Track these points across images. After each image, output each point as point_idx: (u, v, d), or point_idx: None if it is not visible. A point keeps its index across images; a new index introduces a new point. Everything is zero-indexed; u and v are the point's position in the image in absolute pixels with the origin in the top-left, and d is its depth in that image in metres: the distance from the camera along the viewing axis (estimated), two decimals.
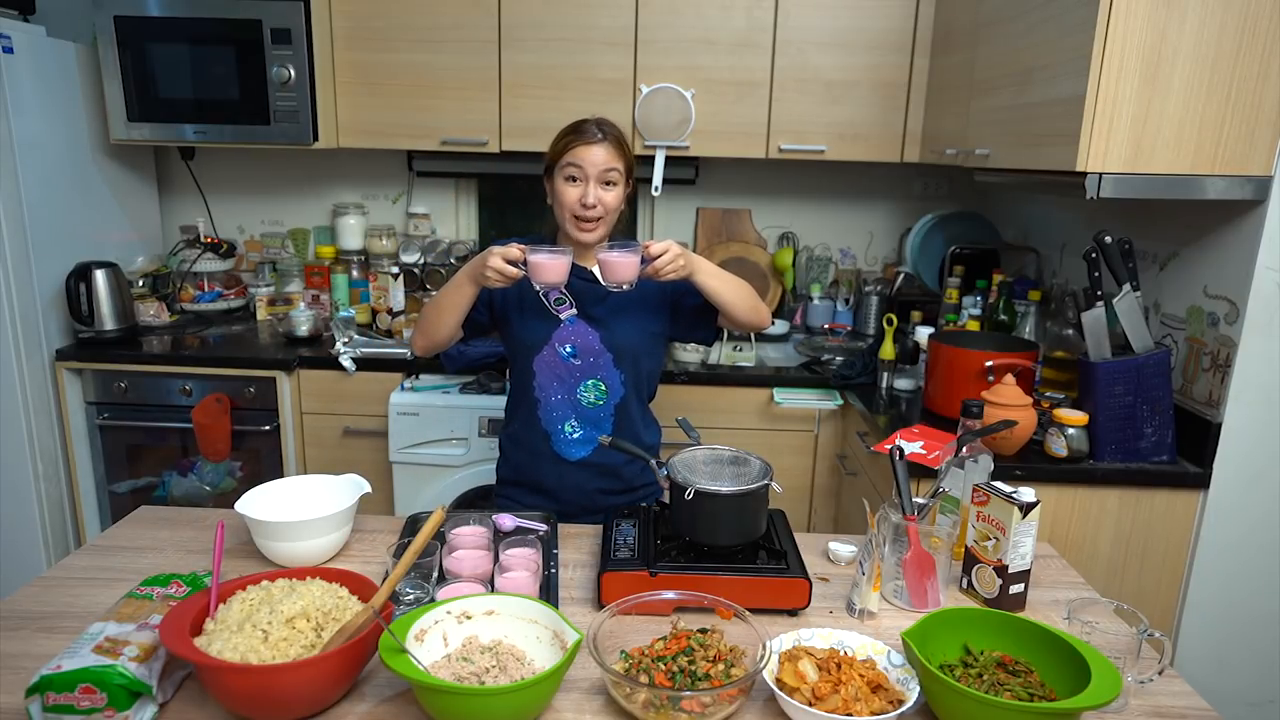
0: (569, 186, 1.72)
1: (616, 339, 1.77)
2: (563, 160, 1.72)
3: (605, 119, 1.77)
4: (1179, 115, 1.76)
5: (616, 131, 1.75)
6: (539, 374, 1.78)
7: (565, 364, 1.77)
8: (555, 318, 1.77)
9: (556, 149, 1.74)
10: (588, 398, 1.79)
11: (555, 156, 1.74)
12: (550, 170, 1.76)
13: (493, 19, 2.78)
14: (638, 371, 1.82)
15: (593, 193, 1.70)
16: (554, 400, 1.79)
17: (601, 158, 1.70)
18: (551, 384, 1.78)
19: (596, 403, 1.79)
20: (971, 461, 1.53)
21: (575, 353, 1.76)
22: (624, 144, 1.75)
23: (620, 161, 1.73)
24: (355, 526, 1.59)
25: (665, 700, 1.09)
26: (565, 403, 1.79)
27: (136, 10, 2.70)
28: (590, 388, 1.78)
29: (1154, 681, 1.22)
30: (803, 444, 2.77)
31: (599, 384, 1.78)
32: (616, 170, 1.72)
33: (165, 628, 1.09)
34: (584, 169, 1.70)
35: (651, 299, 1.81)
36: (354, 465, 2.68)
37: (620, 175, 1.73)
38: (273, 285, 3.27)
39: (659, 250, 1.60)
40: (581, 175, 1.71)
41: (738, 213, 3.33)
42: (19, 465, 2.68)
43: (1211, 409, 1.95)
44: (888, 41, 2.78)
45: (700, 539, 1.42)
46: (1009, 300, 2.58)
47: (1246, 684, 2.05)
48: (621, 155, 1.73)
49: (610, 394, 1.80)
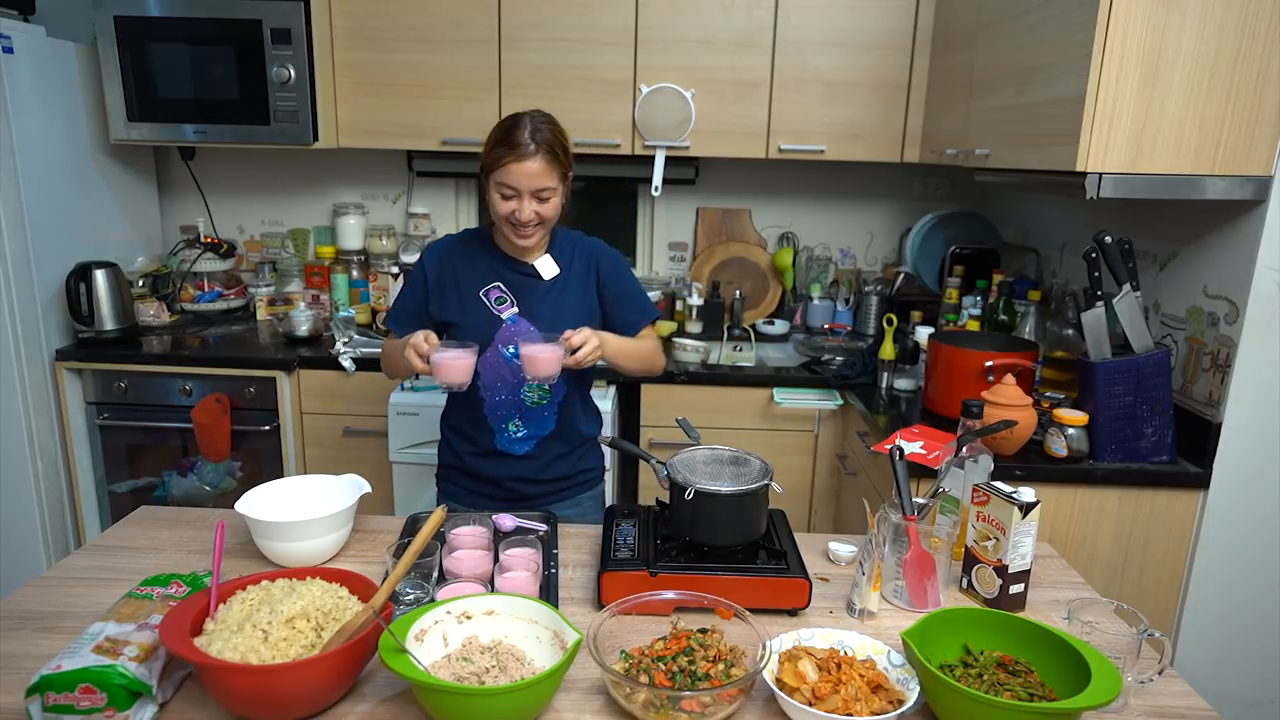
0: (502, 201, 1.66)
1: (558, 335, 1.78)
2: (495, 174, 1.64)
3: (541, 119, 1.66)
4: (1179, 115, 1.76)
5: (551, 135, 1.64)
6: (483, 374, 1.77)
7: (509, 364, 1.76)
8: (497, 317, 1.76)
9: (487, 159, 1.65)
10: (531, 398, 1.79)
11: (487, 164, 1.66)
12: (484, 171, 1.68)
13: (493, 19, 2.78)
14: (578, 372, 1.81)
15: (527, 209, 1.64)
16: (498, 400, 1.79)
17: (534, 172, 1.62)
18: (495, 384, 1.78)
19: (540, 402, 1.80)
20: (971, 461, 1.53)
21: (518, 354, 1.75)
22: (557, 149, 1.65)
23: (554, 173, 1.65)
24: (355, 526, 1.59)
25: (665, 700, 1.09)
26: (509, 403, 1.79)
27: (136, 10, 2.70)
28: (534, 388, 1.78)
29: (1154, 681, 1.22)
30: (803, 444, 2.77)
31: (542, 385, 1.78)
32: (549, 186, 1.65)
33: (165, 628, 1.09)
34: (516, 187, 1.63)
35: (589, 296, 1.81)
36: (354, 465, 2.67)
37: (556, 186, 1.66)
38: (273, 285, 3.27)
39: (579, 342, 1.59)
40: (515, 192, 1.64)
41: (738, 213, 3.33)
42: (19, 465, 2.68)
43: (1211, 409, 1.95)
44: (888, 41, 2.78)
45: (700, 539, 1.42)
46: (1009, 300, 2.58)
47: (1246, 684, 2.05)
48: (556, 164, 1.65)
49: (554, 393, 1.80)
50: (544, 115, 1.68)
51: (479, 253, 1.80)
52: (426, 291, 1.79)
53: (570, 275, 1.80)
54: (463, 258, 1.80)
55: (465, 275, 1.78)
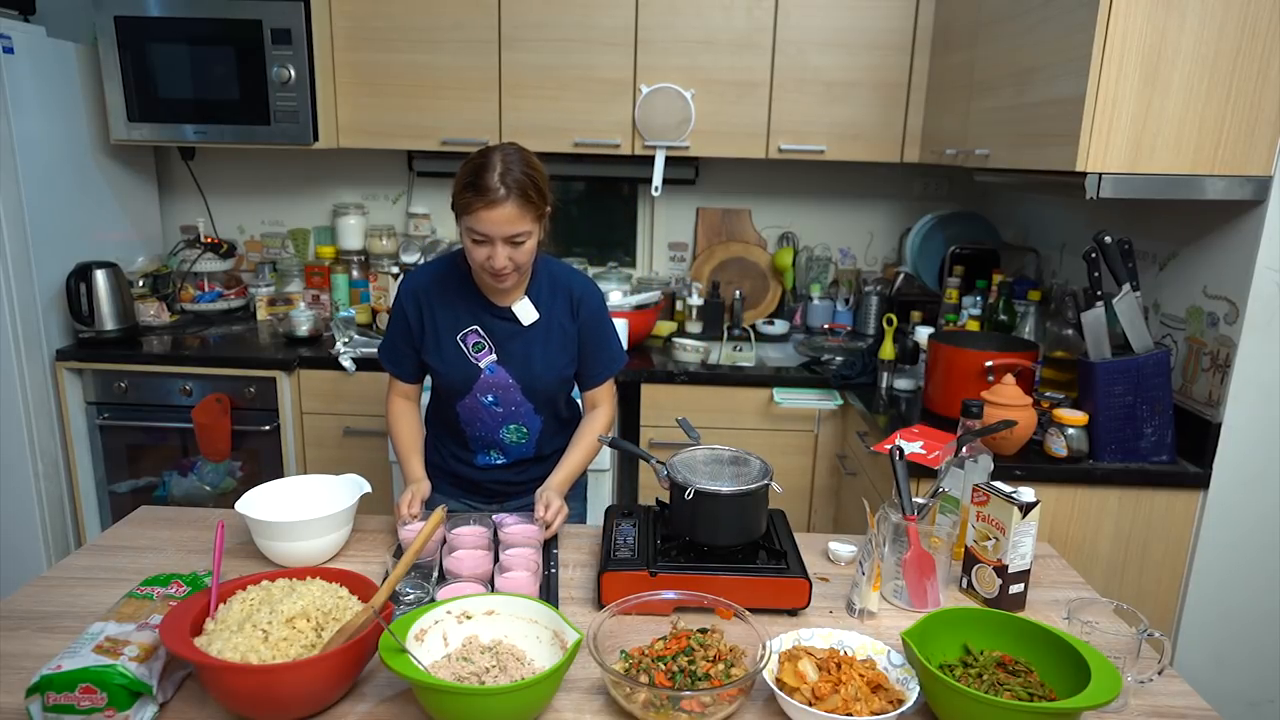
0: (475, 247, 1.58)
1: (536, 388, 1.76)
2: (464, 220, 1.56)
3: (511, 157, 1.54)
4: (1179, 115, 1.76)
5: (522, 175, 1.53)
6: (462, 414, 1.79)
7: (487, 410, 1.77)
8: (475, 366, 1.73)
9: (457, 202, 1.56)
10: (510, 438, 1.82)
11: (456, 208, 1.57)
12: (455, 213, 1.59)
13: (493, 19, 2.78)
14: (555, 409, 1.83)
15: (501, 256, 1.56)
16: (478, 435, 1.82)
17: (505, 219, 1.53)
18: (475, 423, 1.80)
19: (519, 440, 1.82)
20: (971, 461, 1.53)
21: (496, 401, 1.76)
22: (529, 191, 1.54)
23: (527, 216, 1.55)
24: (355, 526, 1.59)
25: (665, 700, 1.09)
26: (488, 440, 1.82)
27: (136, 10, 2.70)
28: (512, 430, 1.81)
29: (1154, 681, 1.22)
30: (803, 444, 2.77)
31: (520, 428, 1.81)
32: (523, 231, 1.56)
33: (165, 628, 1.09)
34: (487, 235, 1.55)
35: (568, 341, 1.77)
36: (354, 465, 2.67)
37: (530, 229, 1.57)
38: (273, 285, 3.27)
39: (551, 516, 1.59)
40: (485, 239, 1.56)
41: (738, 213, 3.33)
42: (19, 465, 2.68)
43: (1211, 409, 1.95)
44: (888, 41, 2.78)
45: (700, 539, 1.42)
46: (1009, 300, 2.58)
47: (1246, 683, 2.05)
48: (529, 206, 1.55)
49: (531, 432, 1.82)
50: (515, 151, 1.57)
51: (456, 291, 1.73)
52: (409, 328, 1.76)
53: (551, 320, 1.75)
54: (439, 297, 1.74)
55: (443, 319, 1.73)
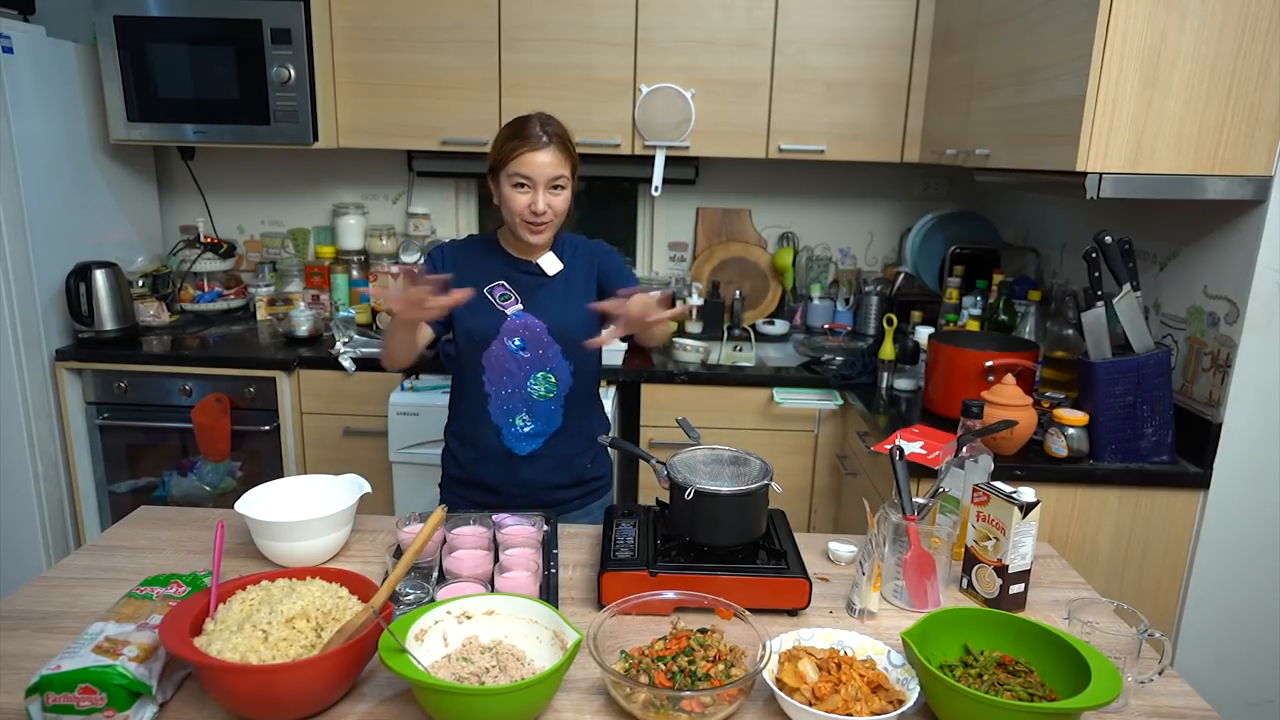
0: (517, 193, 1.70)
1: (563, 325, 1.79)
2: (508, 167, 1.69)
3: (548, 117, 1.72)
4: (1179, 115, 1.76)
5: (560, 130, 1.71)
6: (488, 369, 1.79)
7: (514, 357, 1.78)
8: (501, 313, 1.78)
9: (500, 153, 1.70)
10: (538, 390, 1.80)
11: (499, 160, 1.71)
12: (495, 171, 1.73)
13: (493, 19, 2.78)
14: (585, 360, 1.83)
15: (542, 200, 1.69)
16: (504, 394, 1.80)
17: (548, 163, 1.68)
18: (501, 378, 1.79)
19: (547, 395, 1.81)
20: (971, 461, 1.53)
21: (524, 345, 1.78)
22: (568, 143, 1.72)
23: (566, 164, 1.71)
24: (355, 526, 1.59)
25: (665, 700, 1.09)
26: (516, 396, 1.80)
27: (136, 10, 2.70)
28: (540, 380, 1.80)
29: (1154, 681, 1.22)
30: (803, 444, 2.77)
31: (549, 376, 1.80)
32: (563, 175, 1.70)
33: (165, 628, 1.09)
34: (531, 177, 1.68)
35: (590, 292, 1.83)
36: (354, 465, 2.67)
37: (568, 178, 1.72)
38: (273, 285, 3.27)
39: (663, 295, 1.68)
40: (529, 183, 1.69)
41: (738, 213, 3.33)
42: (19, 465, 2.68)
43: (1211, 409, 1.95)
44: (888, 41, 2.78)
45: (700, 539, 1.42)
46: (1009, 300, 2.58)
47: (1246, 683, 2.05)
48: (567, 157, 1.71)
49: (560, 385, 1.81)
50: (550, 115, 1.73)
51: (484, 255, 1.84)
52: None
53: (573, 272, 1.84)
54: (467, 259, 1.83)
55: (471, 276, 1.79)
